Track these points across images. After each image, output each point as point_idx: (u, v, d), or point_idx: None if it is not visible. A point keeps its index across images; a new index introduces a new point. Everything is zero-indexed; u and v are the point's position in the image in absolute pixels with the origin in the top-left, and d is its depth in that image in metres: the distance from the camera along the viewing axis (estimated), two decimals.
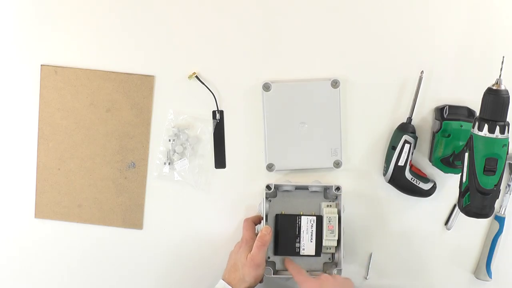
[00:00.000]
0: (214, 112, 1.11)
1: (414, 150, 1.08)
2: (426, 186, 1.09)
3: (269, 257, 1.07)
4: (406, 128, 1.07)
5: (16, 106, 1.11)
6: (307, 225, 1.05)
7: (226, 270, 1.04)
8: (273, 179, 1.11)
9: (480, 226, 1.13)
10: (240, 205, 1.12)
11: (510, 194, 1.12)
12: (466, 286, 1.15)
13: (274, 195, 1.09)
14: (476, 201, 0.93)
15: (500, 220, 1.12)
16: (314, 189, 1.08)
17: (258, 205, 1.09)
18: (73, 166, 1.12)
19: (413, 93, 1.07)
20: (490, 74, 0.96)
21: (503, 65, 0.92)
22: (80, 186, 1.12)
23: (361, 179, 1.12)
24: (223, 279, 1.01)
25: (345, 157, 1.11)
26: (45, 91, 1.10)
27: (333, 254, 1.07)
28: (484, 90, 0.91)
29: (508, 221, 1.12)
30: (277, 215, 1.07)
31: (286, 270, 1.06)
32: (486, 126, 0.90)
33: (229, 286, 0.99)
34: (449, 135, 1.05)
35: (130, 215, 1.13)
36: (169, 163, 1.11)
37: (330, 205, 1.07)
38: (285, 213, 1.07)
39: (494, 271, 1.13)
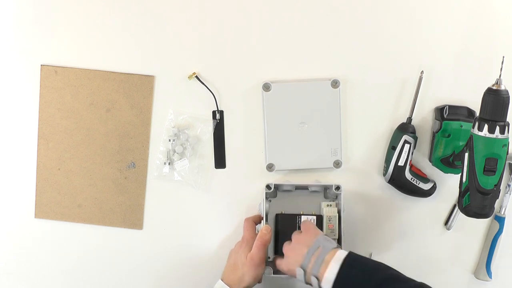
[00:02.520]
0: (214, 112, 1.10)
1: (414, 150, 1.08)
2: (426, 186, 1.09)
3: (269, 257, 1.07)
4: (406, 128, 1.07)
5: (16, 106, 1.11)
6: None
7: (226, 268, 1.04)
8: (273, 179, 1.11)
9: (480, 226, 1.13)
10: (240, 205, 1.12)
11: (510, 194, 1.12)
12: (466, 286, 1.15)
13: (274, 195, 1.09)
14: (476, 201, 0.93)
15: (500, 220, 1.12)
16: (314, 188, 1.08)
17: (258, 205, 1.08)
18: (73, 166, 1.12)
19: (413, 93, 1.07)
20: (490, 74, 0.96)
21: (503, 65, 0.92)
22: (80, 186, 1.12)
23: (361, 179, 1.12)
24: (222, 279, 1.01)
25: (345, 157, 1.11)
26: (45, 91, 1.10)
27: None
28: (484, 90, 0.92)
29: (508, 221, 1.12)
30: (277, 215, 1.07)
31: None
32: (486, 126, 0.90)
33: (227, 287, 0.99)
34: (449, 135, 1.05)
35: (130, 215, 1.13)
36: (169, 163, 1.11)
37: (330, 205, 1.07)
38: (285, 212, 1.07)
39: (494, 271, 1.13)
